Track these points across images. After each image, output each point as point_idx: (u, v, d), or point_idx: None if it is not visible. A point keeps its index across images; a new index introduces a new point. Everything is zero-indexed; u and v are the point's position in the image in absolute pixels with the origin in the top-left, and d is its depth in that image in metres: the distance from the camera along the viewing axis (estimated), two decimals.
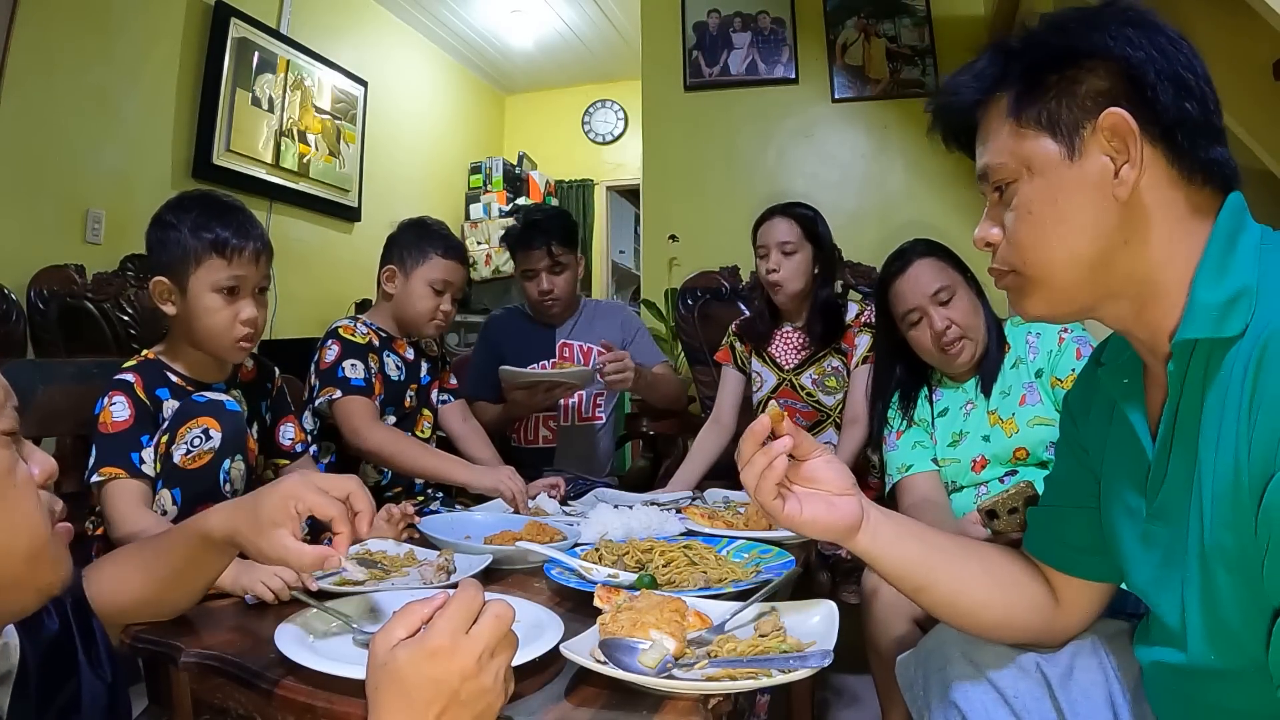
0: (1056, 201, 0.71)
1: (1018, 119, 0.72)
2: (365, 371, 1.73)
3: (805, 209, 2.06)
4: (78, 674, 0.69)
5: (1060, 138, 0.70)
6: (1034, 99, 0.71)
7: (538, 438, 2.22)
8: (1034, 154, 0.72)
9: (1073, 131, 0.70)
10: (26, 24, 2.46)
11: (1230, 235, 0.67)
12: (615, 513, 1.36)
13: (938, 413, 1.61)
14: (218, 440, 1.19)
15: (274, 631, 0.82)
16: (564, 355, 2.24)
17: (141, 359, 1.31)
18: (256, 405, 1.43)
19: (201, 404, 1.21)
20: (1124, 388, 0.78)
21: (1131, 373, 0.77)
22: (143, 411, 1.23)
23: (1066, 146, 0.70)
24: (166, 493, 1.18)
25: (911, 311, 1.54)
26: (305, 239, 3.75)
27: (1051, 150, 0.71)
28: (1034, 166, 0.72)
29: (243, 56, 3.32)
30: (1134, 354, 0.77)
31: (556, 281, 2.16)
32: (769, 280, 2.02)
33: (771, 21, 3.22)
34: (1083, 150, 0.70)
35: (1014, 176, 0.73)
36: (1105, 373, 0.81)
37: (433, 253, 1.82)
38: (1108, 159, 0.69)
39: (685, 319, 2.52)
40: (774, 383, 2.09)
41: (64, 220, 2.66)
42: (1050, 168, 0.71)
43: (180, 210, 1.28)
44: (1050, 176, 0.71)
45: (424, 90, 4.84)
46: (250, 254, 1.29)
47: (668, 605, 0.79)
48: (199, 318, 1.27)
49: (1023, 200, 0.73)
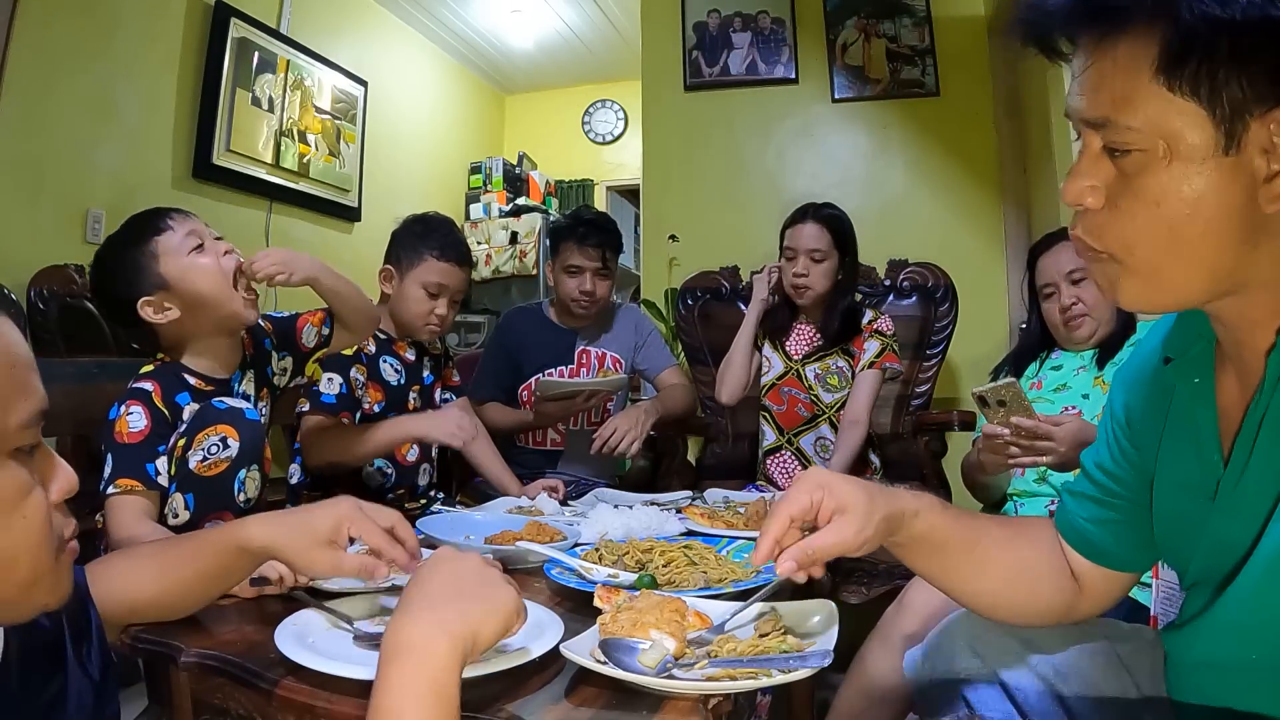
0: (1197, 200, 0.57)
1: (1169, 78, 0.57)
2: (341, 385, 1.70)
3: (835, 211, 2.06)
4: (64, 671, 0.68)
5: (1219, 121, 0.56)
6: (1199, 60, 0.55)
7: (545, 440, 2.21)
8: (1182, 133, 0.57)
9: (1235, 117, 0.55)
10: (26, 24, 2.46)
11: None
12: (615, 513, 1.36)
13: (1052, 366, 1.73)
14: (235, 450, 1.18)
15: (274, 631, 0.82)
16: (582, 362, 2.23)
17: (158, 363, 1.29)
18: (264, 373, 1.45)
19: (221, 410, 1.20)
20: (1194, 387, 0.70)
21: (1202, 370, 0.69)
22: (160, 420, 1.21)
23: (1224, 134, 0.56)
24: (180, 497, 1.17)
25: (1047, 285, 1.69)
26: (305, 239, 3.74)
27: (1206, 134, 0.56)
28: (1177, 148, 0.57)
29: (243, 56, 3.32)
30: (1205, 347, 0.69)
31: (600, 285, 2.16)
32: (795, 285, 2.03)
33: (771, 21, 3.22)
34: (1242, 143, 0.56)
35: (1145, 146, 0.58)
36: (1172, 370, 0.73)
37: (428, 254, 1.76)
38: (1263, 160, 0.56)
39: (685, 319, 2.52)
40: (780, 369, 2.11)
41: (64, 220, 2.66)
42: (1198, 156, 0.57)
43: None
44: (1195, 167, 0.57)
45: (424, 90, 4.84)
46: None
47: (668, 605, 0.79)
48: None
49: (1153, 187, 0.59)
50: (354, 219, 4.07)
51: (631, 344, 2.28)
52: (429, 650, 0.59)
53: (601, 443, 1.94)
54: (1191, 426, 0.71)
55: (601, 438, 1.95)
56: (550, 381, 2.08)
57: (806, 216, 2.04)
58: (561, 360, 2.22)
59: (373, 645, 0.84)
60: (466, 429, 1.63)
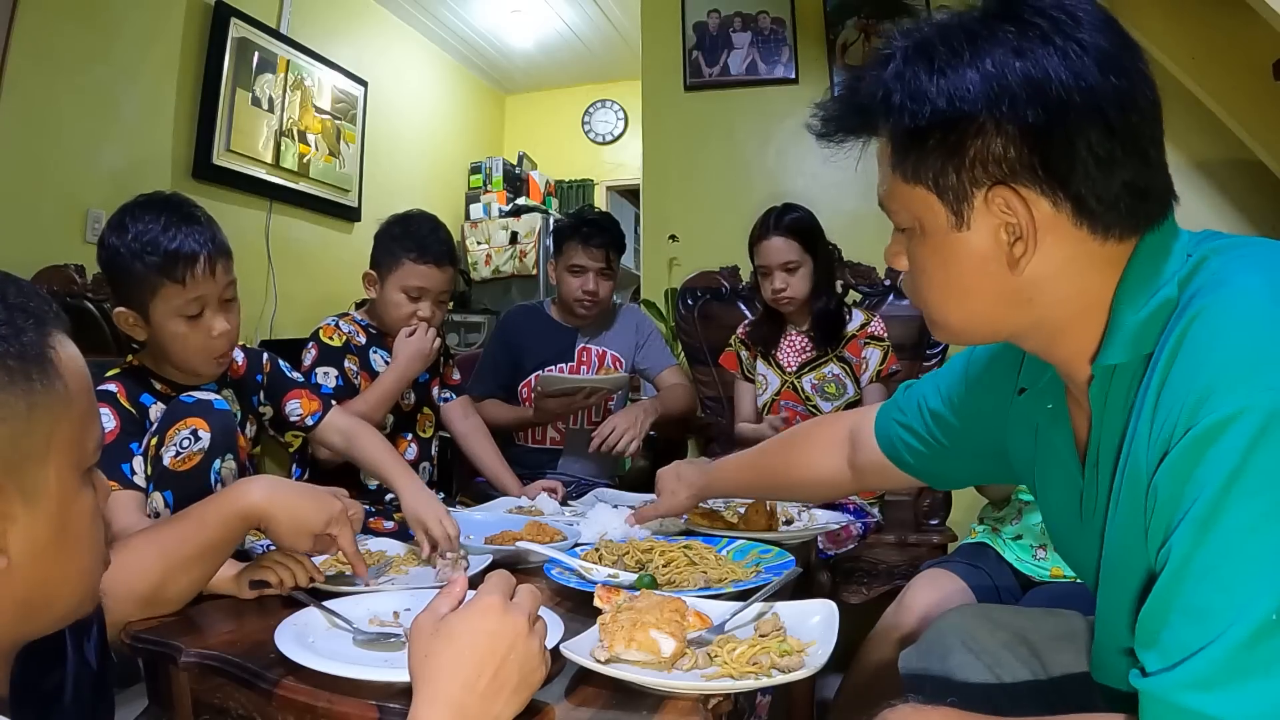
0: (948, 267, 0.66)
1: (902, 171, 0.66)
2: (338, 378, 1.71)
3: (799, 218, 2.02)
4: (64, 665, 0.69)
5: (947, 203, 0.64)
6: (915, 158, 0.64)
7: (545, 438, 2.21)
8: (923, 214, 0.66)
9: (960, 200, 0.63)
10: (26, 24, 2.46)
11: (1152, 257, 0.62)
12: (615, 513, 1.36)
13: None
14: (207, 440, 1.16)
15: (274, 631, 0.82)
16: (582, 360, 2.24)
17: (125, 366, 1.28)
18: (249, 401, 1.42)
19: (189, 404, 1.18)
20: (1049, 414, 0.75)
21: (1055, 396, 0.74)
22: (129, 419, 1.20)
23: (954, 215, 0.63)
24: (159, 496, 1.17)
25: None
26: (305, 239, 3.74)
27: (940, 214, 0.64)
28: (924, 226, 0.66)
29: (243, 56, 3.32)
30: (1054, 375, 0.73)
31: (604, 285, 2.17)
32: (777, 299, 2.02)
33: (771, 21, 3.22)
34: (971, 222, 0.63)
35: (908, 225, 0.68)
36: (1027, 400, 0.78)
37: (405, 258, 1.72)
38: (1001, 230, 0.62)
39: (685, 319, 2.52)
40: (777, 385, 2.09)
41: (64, 220, 2.66)
42: (939, 232, 0.65)
43: (120, 231, 1.19)
44: (940, 240, 0.65)
45: (424, 90, 4.84)
46: (204, 269, 1.19)
47: (668, 605, 0.79)
48: (169, 344, 1.22)
49: (916, 256, 0.69)
50: (354, 219, 4.07)
51: (632, 343, 2.28)
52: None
53: (601, 441, 1.94)
54: (1054, 450, 0.75)
55: (601, 436, 1.95)
56: (551, 376, 2.08)
57: (770, 231, 2.00)
58: (562, 357, 2.22)
59: (373, 645, 0.84)
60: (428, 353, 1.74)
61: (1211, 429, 0.52)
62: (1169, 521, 0.54)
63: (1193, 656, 0.51)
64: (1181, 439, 0.53)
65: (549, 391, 2.04)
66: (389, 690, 0.72)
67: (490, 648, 0.61)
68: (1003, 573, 1.47)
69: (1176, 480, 0.54)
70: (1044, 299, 0.64)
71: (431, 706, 0.59)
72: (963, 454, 0.92)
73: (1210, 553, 0.51)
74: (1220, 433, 0.51)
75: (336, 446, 1.47)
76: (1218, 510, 0.51)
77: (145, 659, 0.89)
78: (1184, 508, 0.53)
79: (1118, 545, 0.64)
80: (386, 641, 0.84)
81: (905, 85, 0.63)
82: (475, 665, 0.60)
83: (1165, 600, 0.54)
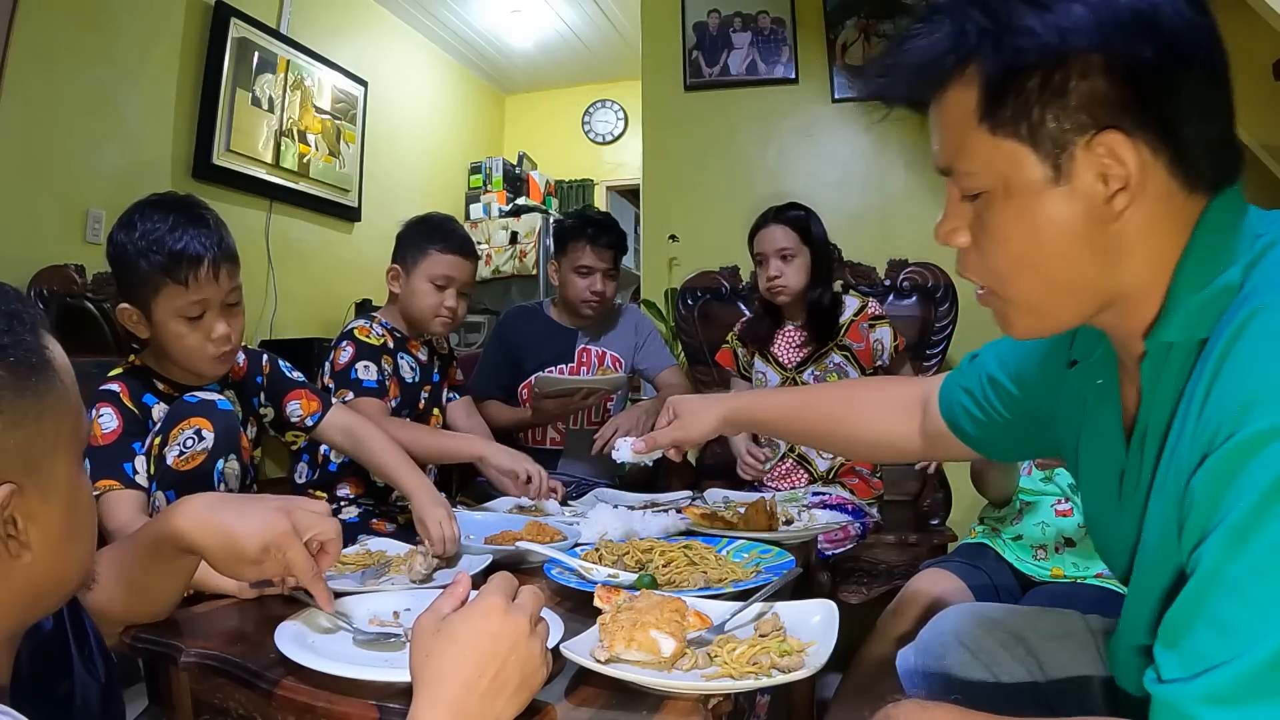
0: (1037, 230, 0.61)
1: (990, 123, 0.60)
2: (378, 373, 1.72)
3: (798, 210, 2.06)
4: (71, 674, 0.69)
5: (1044, 154, 0.59)
6: (1011, 104, 0.59)
7: (545, 439, 2.21)
8: (1012, 172, 0.60)
9: (1060, 149, 0.58)
10: (26, 24, 2.46)
11: (1220, 228, 0.60)
12: (615, 513, 1.36)
13: None
14: (210, 440, 1.17)
15: (274, 631, 0.82)
16: (582, 361, 2.24)
17: (128, 366, 1.29)
18: (250, 403, 1.42)
19: (193, 404, 1.19)
20: (1098, 389, 0.72)
21: (1106, 372, 0.71)
22: (131, 419, 1.21)
23: (1052, 168, 0.59)
24: (161, 495, 1.17)
25: None
26: (305, 239, 3.74)
27: (1032, 169, 0.59)
28: (1013, 186, 0.61)
29: (243, 56, 3.32)
30: (1107, 349, 0.71)
31: (609, 286, 2.18)
32: (771, 287, 2.03)
33: (771, 21, 3.22)
34: (1071, 172, 0.59)
35: (986, 188, 0.62)
36: (1077, 373, 0.75)
37: (431, 248, 1.79)
38: (1099, 181, 0.58)
39: (685, 319, 2.52)
40: (777, 381, 2.10)
41: (64, 220, 2.66)
42: (1029, 190, 0.60)
43: (129, 228, 1.19)
44: (1030, 200, 0.60)
45: (424, 90, 4.84)
46: (208, 272, 1.19)
47: (668, 605, 0.79)
48: (170, 343, 1.22)
49: (999, 224, 0.63)
50: (354, 219, 4.07)
51: (632, 344, 2.29)
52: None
53: (603, 442, 1.94)
54: (1100, 426, 0.73)
55: (603, 437, 1.95)
56: (548, 378, 2.08)
57: (769, 220, 2.05)
58: (562, 358, 2.22)
59: (373, 645, 0.84)
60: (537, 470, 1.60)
61: (1255, 438, 0.50)
62: (1204, 526, 0.53)
63: (1213, 670, 0.50)
64: (1224, 444, 0.52)
65: (546, 393, 2.05)
66: (389, 690, 0.72)
67: (491, 649, 0.61)
68: (1002, 572, 1.47)
69: (1216, 485, 0.53)
70: (1131, 260, 0.61)
71: (432, 707, 0.59)
72: (1020, 424, 0.89)
73: (1243, 566, 0.50)
74: (1264, 444, 0.50)
75: (340, 446, 1.47)
76: (1255, 524, 0.50)
77: (145, 659, 0.89)
78: (1220, 515, 0.52)
79: (1154, 534, 0.63)
80: (387, 641, 0.84)
81: (1001, 22, 0.57)
82: (476, 666, 0.61)
83: (1192, 607, 0.53)
